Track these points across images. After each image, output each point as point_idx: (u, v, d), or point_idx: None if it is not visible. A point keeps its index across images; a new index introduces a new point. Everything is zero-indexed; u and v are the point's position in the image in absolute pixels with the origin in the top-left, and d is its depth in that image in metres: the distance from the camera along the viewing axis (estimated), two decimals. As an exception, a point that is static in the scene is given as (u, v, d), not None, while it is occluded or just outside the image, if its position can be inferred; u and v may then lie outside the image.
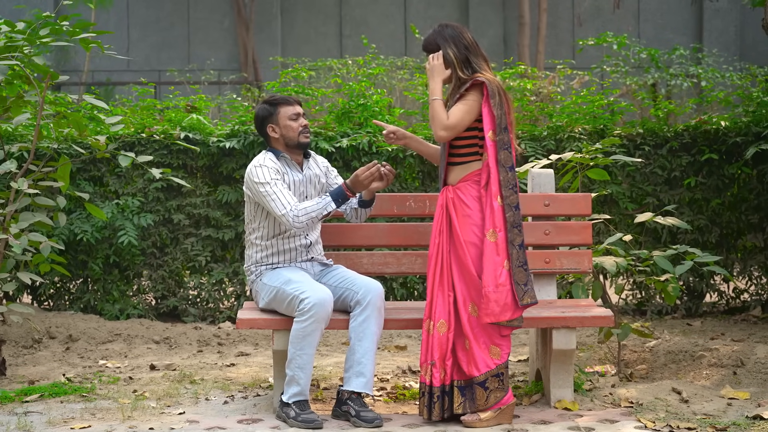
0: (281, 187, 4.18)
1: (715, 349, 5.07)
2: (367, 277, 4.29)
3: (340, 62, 9.67)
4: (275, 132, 4.32)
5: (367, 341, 4.12)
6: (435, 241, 4.11)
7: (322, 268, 4.40)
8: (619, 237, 4.98)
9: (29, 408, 4.35)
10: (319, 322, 4.05)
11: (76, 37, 4.67)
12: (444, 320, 4.02)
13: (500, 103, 4.02)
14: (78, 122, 4.87)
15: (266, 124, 4.34)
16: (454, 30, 4.12)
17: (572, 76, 10.68)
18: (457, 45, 4.09)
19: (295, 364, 4.07)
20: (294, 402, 4.07)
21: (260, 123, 4.36)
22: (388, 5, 17.01)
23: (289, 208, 4.13)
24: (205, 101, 7.51)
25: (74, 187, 6.40)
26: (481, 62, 4.10)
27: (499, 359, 3.99)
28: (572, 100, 7.50)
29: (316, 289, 4.08)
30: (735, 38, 16.62)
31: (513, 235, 3.99)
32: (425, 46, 4.17)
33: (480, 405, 3.99)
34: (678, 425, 3.94)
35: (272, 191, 4.16)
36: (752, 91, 7.75)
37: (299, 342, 4.06)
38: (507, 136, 4.02)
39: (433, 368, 3.99)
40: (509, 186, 4.00)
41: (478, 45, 4.15)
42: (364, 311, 4.13)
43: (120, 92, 13.92)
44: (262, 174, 4.20)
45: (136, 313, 6.53)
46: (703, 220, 6.71)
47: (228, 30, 16.80)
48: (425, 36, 4.20)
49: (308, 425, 4.00)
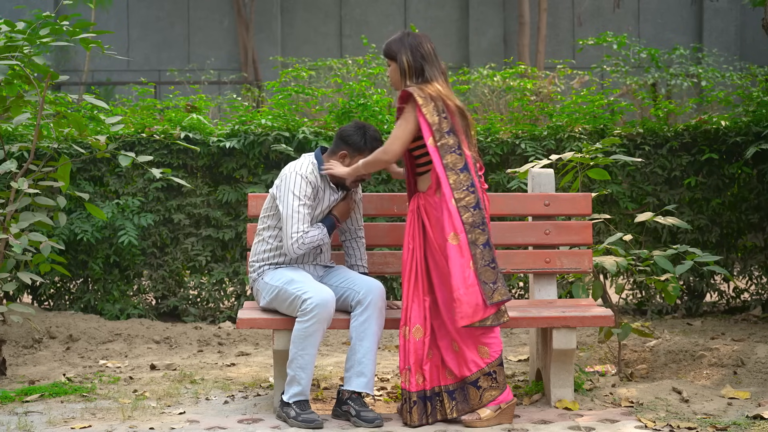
0: (307, 207, 4.17)
1: (716, 348, 5.07)
2: (368, 276, 4.29)
3: (340, 62, 9.66)
4: (343, 159, 4.27)
5: (368, 341, 4.12)
6: (409, 246, 4.13)
7: (324, 269, 4.40)
8: (620, 237, 4.98)
9: (29, 408, 4.35)
10: (321, 322, 4.05)
11: (76, 37, 4.67)
12: (420, 325, 4.04)
13: (440, 108, 4.02)
14: (78, 122, 4.87)
15: (344, 149, 4.26)
16: (415, 39, 4.16)
17: (572, 76, 10.68)
18: (413, 53, 4.12)
19: (297, 365, 4.07)
20: (294, 402, 4.07)
21: (344, 142, 4.27)
22: (388, 5, 17.01)
23: (301, 233, 4.14)
24: (205, 101, 7.51)
25: (74, 186, 6.40)
26: (436, 73, 4.12)
27: (488, 358, 4.00)
28: (572, 99, 7.49)
29: (319, 290, 4.08)
30: (735, 38, 16.62)
31: (474, 235, 3.98)
32: (384, 51, 4.22)
33: (474, 405, 4.00)
34: (678, 425, 3.94)
35: (298, 209, 4.15)
36: (752, 91, 7.75)
37: (301, 342, 4.06)
38: (454, 138, 4.02)
39: (409, 374, 4.01)
40: (463, 188, 3.99)
41: (437, 57, 4.17)
42: (365, 311, 4.13)
43: (120, 92, 13.93)
44: (300, 187, 4.17)
45: (137, 313, 6.53)
46: (703, 220, 6.71)
47: (228, 30, 16.80)
48: (386, 41, 4.25)
49: (308, 425, 4.00)
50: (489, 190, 6.58)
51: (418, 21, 16.54)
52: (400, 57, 4.12)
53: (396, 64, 4.15)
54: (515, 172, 5.42)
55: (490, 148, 6.68)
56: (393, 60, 4.17)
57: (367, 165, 4.18)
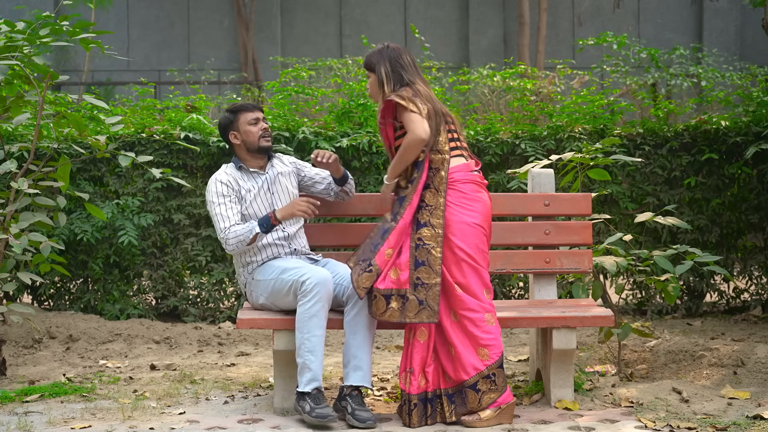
0: (227, 207, 4.29)
1: (716, 348, 5.07)
2: None
3: (340, 62, 9.66)
4: (237, 138, 4.45)
5: (360, 334, 4.12)
6: None
7: (310, 263, 4.40)
8: (619, 237, 4.98)
9: (29, 408, 4.35)
10: (323, 301, 4.05)
11: (76, 37, 4.66)
12: (424, 328, 4.05)
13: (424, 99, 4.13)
14: (78, 122, 4.87)
15: (228, 131, 4.47)
16: (394, 51, 4.23)
17: (572, 76, 10.68)
18: (392, 64, 4.19)
19: (305, 349, 4.04)
20: (310, 392, 4.02)
21: (223, 131, 4.50)
22: (388, 5, 17.01)
23: (225, 230, 4.26)
24: (205, 101, 7.51)
25: (74, 187, 6.40)
26: (415, 78, 4.19)
27: (488, 360, 4.00)
28: (572, 100, 7.50)
29: (315, 270, 4.11)
30: (735, 38, 16.61)
31: (382, 219, 4.16)
32: (365, 63, 4.31)
33: (473, 408, 4.00)
34: (678, 425, 3.94)
35: (217, 211, 4.30)
36: (752, 91, 7.75)
37: (305, 324, 4.05)
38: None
39: (411, 376, 4.02)
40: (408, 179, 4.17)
41: (416, 68, 4.24)
42: (355, 305, 4.14)
43: (120, 92, 13.92)
44: (212, 191, 4.35)
45: (137, 313, 6.54)
46: (703, 220, 6.71)
47: (228, 30, 16.80)
48: (367, 54, 4.32)
49: (321, 420, 3.95)
50: (489, 190, 6.59)
51: (418, 21, 16.54)
52: (379, 68, 4.20)
53: (375, 76, 4.22)
54: (515, 172, 5.42)
55: (490, 148, 6.69)
56: (372, 71, 4.25)
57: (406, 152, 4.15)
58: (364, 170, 6.68)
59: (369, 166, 6.68)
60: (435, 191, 4.08)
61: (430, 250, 4.01)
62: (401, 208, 4.07)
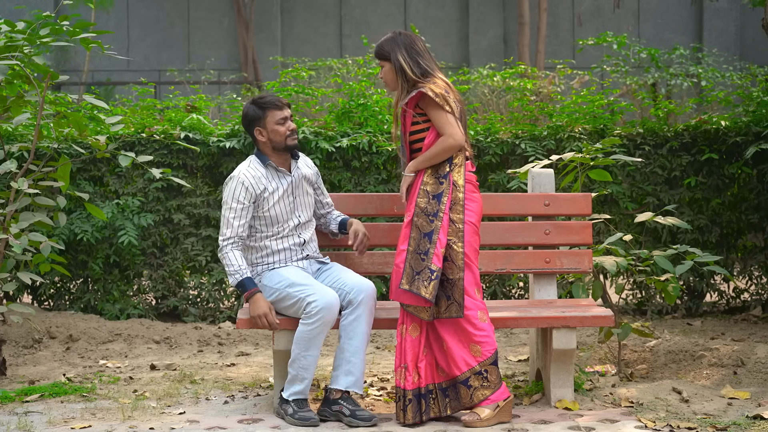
0: (237, 215, 4.21)
1: (716, 348, 5.07)
2: (361, 276, 4.28)
3: (340, 62, 9.66)
4: (262, 135, 4.30)
5: (357, 340, 4.12)
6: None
7: (318, 266, 4.39)
8: (620, 237, 4.98)
9: (29, 408, 4.35)
10: (326, 325, 4.06)
11: (76, 37, 4.66)
12: (416, 323, 4.05)
13: (455, 99, 4.19)
14: (78, 122, 4.87)
15: (254, 126, 4.32)
16: (407, 38, 4.20)
17: (572, 76, 10.67)
18: (408, 50, 4.16)
19: (299, 365, 4.08)
20: (293, 400, 4.07)
21: (248, 124, 4.35)
22: (388, 5, 17.01)
23: (226, 239, 4.21)
24: (205, 101, 7.51)
25: (74, 187, 6.40)
26: (432, 65, 4.19)
27: (480, 356, 4.00)
28: (572, 99, 7.49)
29: (323, 293, 4.07)
30: (735, 38, 16.61)
31: (421, 220, 4.04)
32: (376, 52, 4.24)
33: (466, 403, 4.01)
34: (678, 425, 3.94)
35: (226, 215, 4.23)
36: (752, 91, 7.74)
37: (305, 344, 4.07)
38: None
39: (406, 372, 4.02)
40: (436, 176, 4.10)
41: (429, 53, 4.24)
42: (355, 310, 4.13)
43: (120, 92, 13.93)
44: (231, 190, 4.24)
45: (137, 313, 6.53)
46: (703, 220, 6.71)
47: (228, 30, 16.80)
48: (378, 42, 4.27)
49: (305, 423, 4.01)
50: (489, 190, 6.61)
51: (418, 21, 16.54)
52: (395, 56, 4.14)
53: (390, 64, 4.17)
54: (515, 172, 5.42)
55: (490, 148, 6.68)
56: (386, 60, 4.19)
57: (434, 156, 4.13)
58: (364, 170, 6.68)
59: (369, 166, 6.68)
60: (455, 187, 4.08)
61: (452, 245, 4.01)
62: (441, 204, 4.04)
